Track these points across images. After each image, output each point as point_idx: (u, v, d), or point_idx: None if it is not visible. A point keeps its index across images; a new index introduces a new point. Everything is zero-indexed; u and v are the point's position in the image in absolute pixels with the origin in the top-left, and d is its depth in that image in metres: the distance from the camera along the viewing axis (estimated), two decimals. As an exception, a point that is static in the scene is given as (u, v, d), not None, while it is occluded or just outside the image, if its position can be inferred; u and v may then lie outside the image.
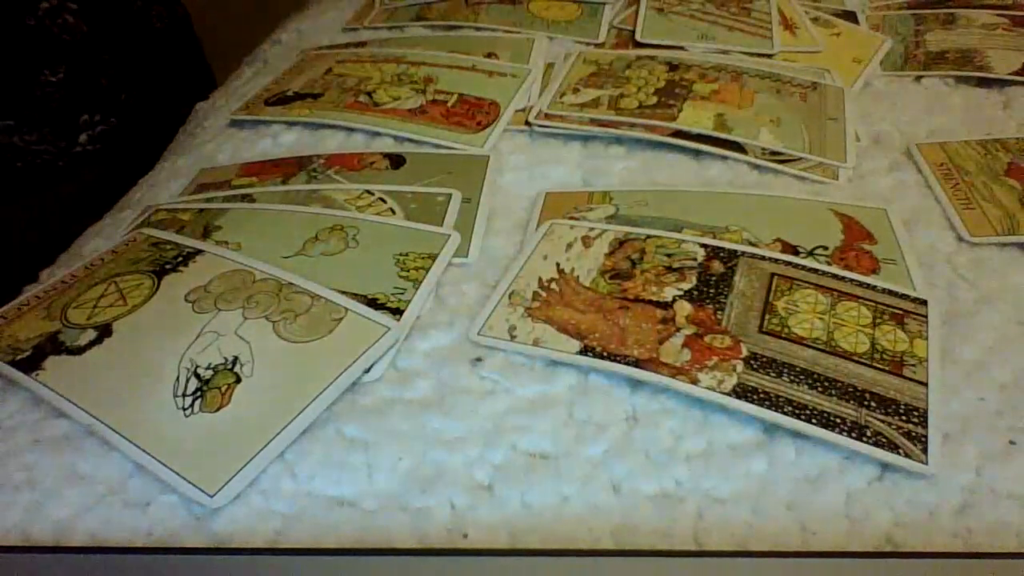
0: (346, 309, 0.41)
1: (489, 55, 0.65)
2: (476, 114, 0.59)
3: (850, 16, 0.73)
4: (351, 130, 0.59)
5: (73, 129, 0.68)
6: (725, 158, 0.53)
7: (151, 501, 0.34)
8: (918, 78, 0.63)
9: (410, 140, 0.57)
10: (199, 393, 0.37)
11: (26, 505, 0.34)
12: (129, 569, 0.30)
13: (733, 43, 0.68)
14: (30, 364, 0.39)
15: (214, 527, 0.33)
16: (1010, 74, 0.61)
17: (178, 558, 0.31)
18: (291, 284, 0.43)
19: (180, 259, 0.46)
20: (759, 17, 0.71)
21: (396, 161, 0.55)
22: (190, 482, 0.34)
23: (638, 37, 0.68)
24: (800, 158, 0.53)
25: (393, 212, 0.50)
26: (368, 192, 0.51)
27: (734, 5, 0.72)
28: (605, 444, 0.35)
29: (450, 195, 0.51)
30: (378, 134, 0.58)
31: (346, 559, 0.30)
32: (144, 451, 0.35)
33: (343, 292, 0.43)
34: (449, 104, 0.60)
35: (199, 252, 0.46)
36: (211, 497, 0.33)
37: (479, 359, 0.40)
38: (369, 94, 0.62)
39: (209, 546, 0.32)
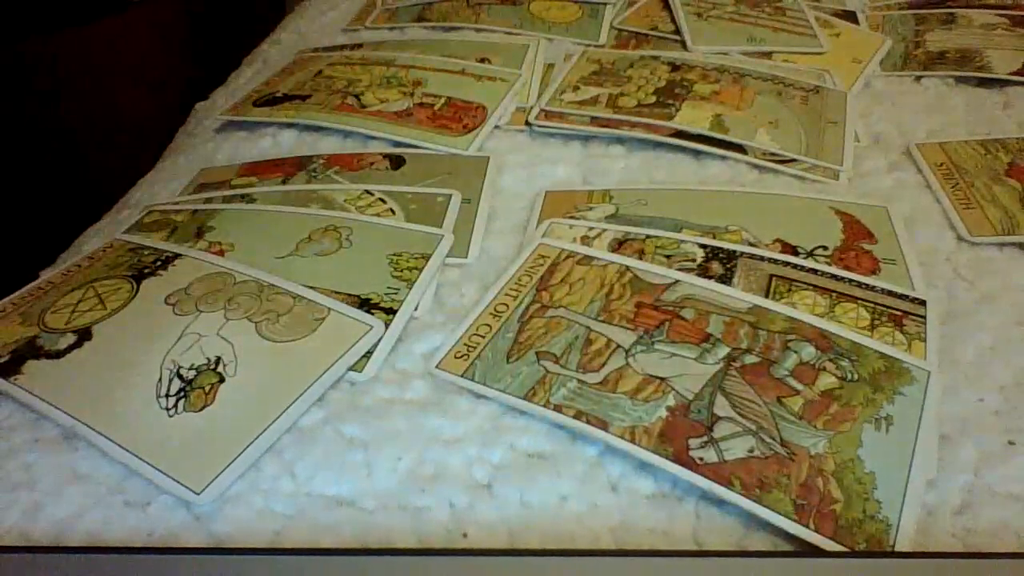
0: (328, 309, 0.41)
1: (482, 60, 0.65)
2: (463, 117, 0.59)
3: (850, 16, 0.73)
4: (346, 133, 0.59)
5: None
6: (725, 158, 0.53)
7: (151, 501, 0.34)
8: (918, 78, 0.63)
9: (396, 143, 0.57)
10: (183, 393, 0.37)
11: (26, 505, 0.34)
12: (129, 569, 0.30)
13: (782, 44, 0.67)
14: (8, 369, 0.39)
15: (214, 527, 0.33)
16: (1010, 74, 0.61)
17: (178, 558, 0.31)
18: (272, 285, 0.43)
19: (159, 263, 0.45)
20: (795, 16, 0.70)
21: (396, 162, 0.55)
22: (176, 480, 0.34)
23: (690, 46, 0.66)
24: (796, 159, 0.53)
25: (393, 212, 0.50)
26: (368, 192, 0.52)
27: (767, 6, 0.72)
28: (603, 443, 0.35)
29: (450, 196, 0.51)
30: (368, 136, 0.58)
31: (346, 559, 0.30)
32: (129, 451, 0.35)
33: (336, 292, 0.43)
34: (436, 107, 0.60)
35: (177, 256, 0.46)
36: (197, 495, 0.33)
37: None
38: (357, 96, 0.62)
39: (209, 546, 0.32)
